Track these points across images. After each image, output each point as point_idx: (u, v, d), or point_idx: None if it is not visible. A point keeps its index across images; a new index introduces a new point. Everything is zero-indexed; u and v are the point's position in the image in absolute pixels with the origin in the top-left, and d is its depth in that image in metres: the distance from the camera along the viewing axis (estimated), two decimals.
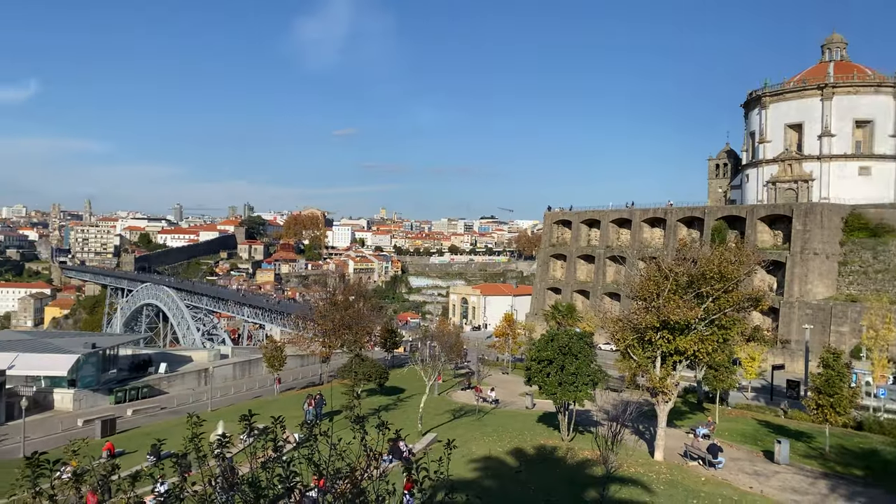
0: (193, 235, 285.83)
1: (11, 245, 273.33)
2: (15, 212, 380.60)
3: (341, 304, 62.23)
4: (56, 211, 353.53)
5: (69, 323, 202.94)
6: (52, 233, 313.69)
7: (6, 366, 52.44)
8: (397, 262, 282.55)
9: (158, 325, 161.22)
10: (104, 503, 13.46)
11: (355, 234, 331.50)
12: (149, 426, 48.43)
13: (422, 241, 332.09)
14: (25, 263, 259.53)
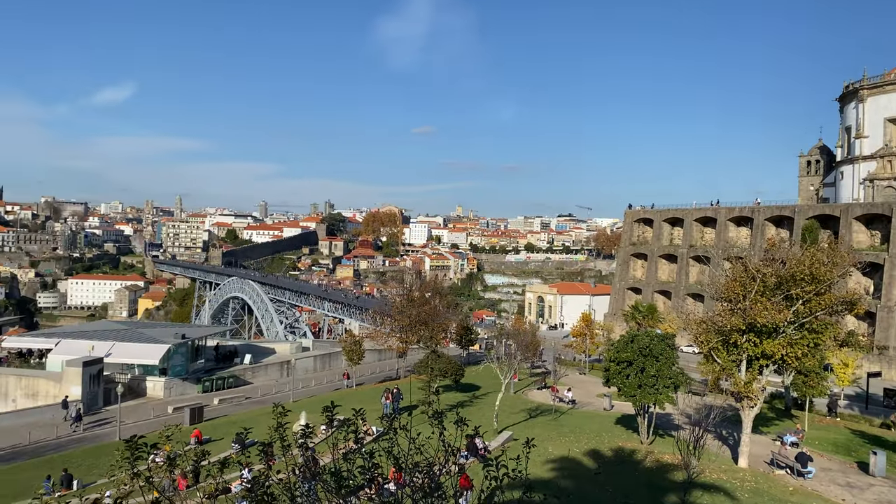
0: (277, 231, 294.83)
1: (109, 240, 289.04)
2: (112, 208, 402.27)
3: (418, 301, 62.79)
4: (149, 207, 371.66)
5: (161, 314, 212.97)
6: (146, 228, 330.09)
7: (104, 354, 55.51)
8: (473, 259, 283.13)
9: (244, 317, 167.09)
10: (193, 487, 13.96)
11: (431, 232, 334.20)
12: (234, 415, 50.26)
13: (498, 238, 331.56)
14: (121, 257, 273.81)
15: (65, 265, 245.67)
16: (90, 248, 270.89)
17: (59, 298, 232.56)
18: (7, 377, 54.09)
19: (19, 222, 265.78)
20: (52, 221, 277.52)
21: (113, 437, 42.85)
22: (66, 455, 39.17)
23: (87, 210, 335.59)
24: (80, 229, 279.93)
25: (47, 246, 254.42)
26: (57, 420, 47.41)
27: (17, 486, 33.06)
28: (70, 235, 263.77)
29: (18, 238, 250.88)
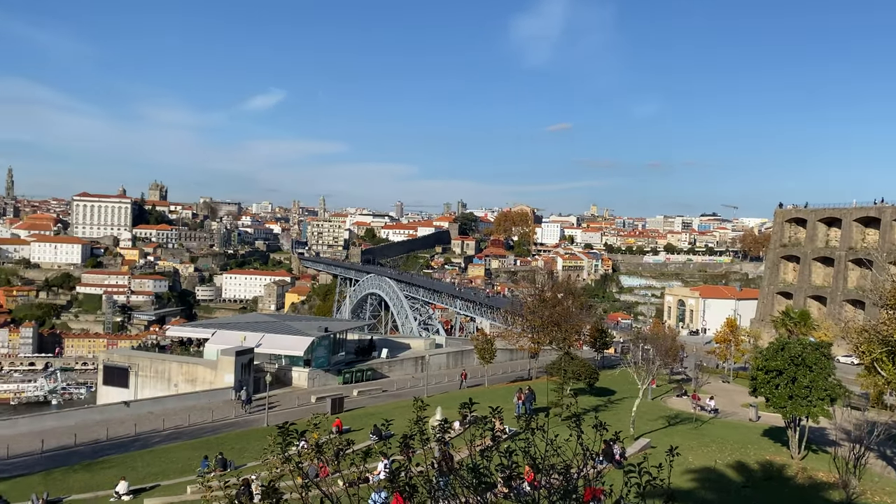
0: (412, 231, 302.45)
1: (259, 237, 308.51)
2: (262, 208, 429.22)
3: (550, 301, 62.28)
4: (296, 207, 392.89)
5: (305, 308, 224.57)
6: (293, 227, 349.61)
7: (254, 344, 59.34)
8: (608, 260, 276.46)
9: (381, 313, 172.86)
10: (336, 474, 14.47)
11: (564, 231, 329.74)
12: (371, 407, 52.05)
13: (635, 238, 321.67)
14: (270, 254, 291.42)
15: (220, 261, 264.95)
16: (242, 245, 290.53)
17: (215, 292, 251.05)
18: (170, 363, 59.05)
19: (181, 221, 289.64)
20: (209, 220, 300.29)
21: (261, 423, 45.66)
22: (220, 437, 42.23)
23: (241, 210, 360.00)
24: (234, 228, 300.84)
25: (205, 243, 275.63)
26: (213, 404, 51.23)
27: (180, 464, 36.08)
28: (225, 233, 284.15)
29: (180, 236, 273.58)
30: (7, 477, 33.95)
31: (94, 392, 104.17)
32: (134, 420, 46.29)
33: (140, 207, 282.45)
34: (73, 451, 39.71)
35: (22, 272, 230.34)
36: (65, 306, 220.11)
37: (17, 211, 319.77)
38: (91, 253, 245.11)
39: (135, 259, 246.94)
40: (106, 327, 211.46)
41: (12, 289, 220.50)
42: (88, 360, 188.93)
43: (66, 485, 32.02)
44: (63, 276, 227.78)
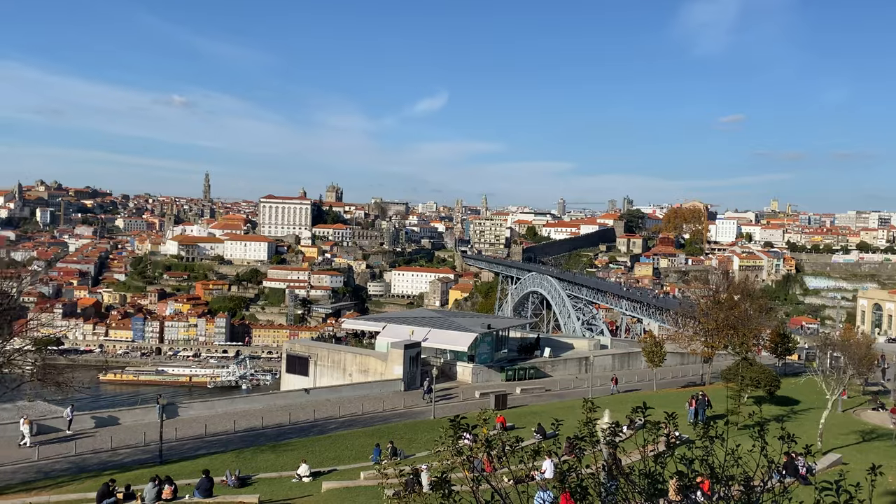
0: (574, 229, 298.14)
1: (425, 236, 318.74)
2: (428, 208, 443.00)
3: (725, 303, 58.78)
4: (459, 207, 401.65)
5: (468, 305, 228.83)
6: (456, 225, 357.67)
7: (421, 339, 61.36)
8: (791, 259, 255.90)
9: (542, 311, 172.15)
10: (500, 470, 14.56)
11: (741, 229, 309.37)
12: (534, 405, 51.95)
13: (822, 236, 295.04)
14: (435, 252, 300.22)
15: (389, 258, 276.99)
16: (409, 243, 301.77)
17: (385, 287, 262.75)
18: (345, 354, 62.53)
19: (354, 220, 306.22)
20: (379, 220, 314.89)
21: (428, 415, 47.08)
22: (391, 427, 44.06)
23: (408, 210, 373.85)
24: (402, 227, 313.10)
25: (376, 241, 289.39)
26: (384, 394, 53.61)
27: (354, 450, 38.10)
28: (394, 232, 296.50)
29: (354, 234, 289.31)
30: (206, 453, 37.62)
31: (278, 379, 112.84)
32: (313, 406, 49.50)
33: (318, 208, 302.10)
34: (261, 432, 43.18)
35: (217, 268, 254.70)
36: (253, 299, 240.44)
37: (212, 212, 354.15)
38: (276, 250, 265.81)
39: (314, 256, 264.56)
40: (288, 319, 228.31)
41: (209, 283, 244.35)
42: (273, 349, 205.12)
43: (254, 464, 34.90)
44: (251, 271, 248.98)
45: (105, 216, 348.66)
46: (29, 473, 34.23)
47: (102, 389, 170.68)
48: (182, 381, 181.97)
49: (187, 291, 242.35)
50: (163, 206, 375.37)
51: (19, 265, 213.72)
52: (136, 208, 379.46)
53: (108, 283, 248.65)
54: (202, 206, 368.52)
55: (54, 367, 41.08)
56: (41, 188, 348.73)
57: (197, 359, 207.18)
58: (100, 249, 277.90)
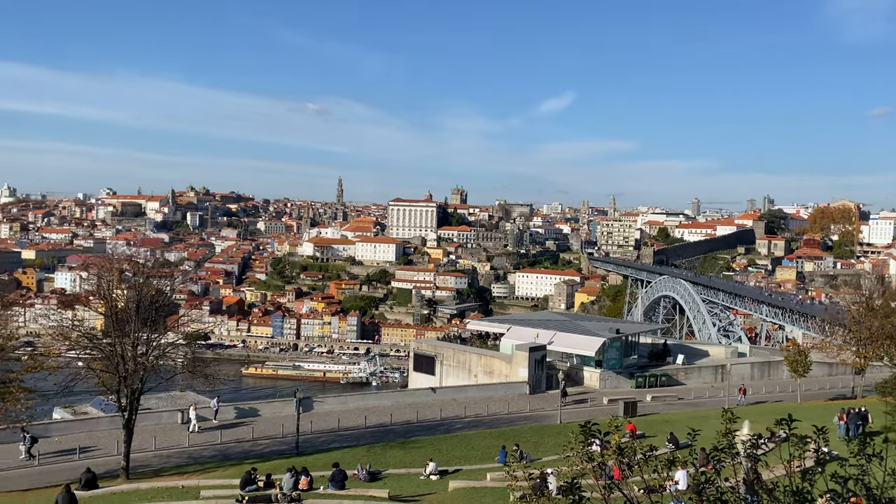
0: (710, 230, 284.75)
1: (549, 237, 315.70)
2: (552, 209, 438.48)
3: (880, 311, 54.23)
4: (585, 207, 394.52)
5: (594, 308, 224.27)
6: (582, 227, 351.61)
7: (546, 342, 60.77)
8: None
9: (675, 316, 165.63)
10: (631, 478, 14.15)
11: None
12: (666, 414, 50.08)
13: None
14: (560, 254, 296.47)
15: (513, 260, 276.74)
16: (534, 245, 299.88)
17: (509, 289, 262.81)
18: (470, 355, 63.07)
19: (478, 222, 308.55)
20: (503, 221, 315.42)
21: (554, 419, 46.56)
22: (516, 429, 43.96)
23: (532, 211, 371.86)
24: (526, 228, 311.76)
25: (500, 243, 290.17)
26: (509, 396, 53.57)
27: (480, 451, 38.35)
28: (518, 234, 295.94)
29: (478, 236, 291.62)
30: (339, 447, 39.15)
31: (405, 377, 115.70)
32: (439, 405, 50.28)
33: (444, 210, 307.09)
34: (390, 429, 44.40)
35: (348, 268, 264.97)
36: (382, 299, 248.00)
37: (345, 215, 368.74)
38: (403, 252, 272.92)
39: (439, 258, 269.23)
40: (415, 319, 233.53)
41: (341, 282, 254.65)
42: (401, 347, 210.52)
43: (384, 459, 35.92)
44: (381, 272, 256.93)
45: (248, 219, 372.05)
46: (181, 458, 37.07)
47: (244, 382, 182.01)
48: (317, 376, 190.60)
49: (322, 290, 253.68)
50: (300, 209, 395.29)
51: (172, 265, 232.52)
52: (276, 212, 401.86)
53: (250, 283, 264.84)
54: (336, 210, 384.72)
55: (202, 360, 44.26)
56: (191, 194, 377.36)
57: (330, 355, 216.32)
58: (243, 251, 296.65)
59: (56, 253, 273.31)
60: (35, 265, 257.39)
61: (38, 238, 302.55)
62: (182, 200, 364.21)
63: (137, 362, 33.04)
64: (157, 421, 42.93)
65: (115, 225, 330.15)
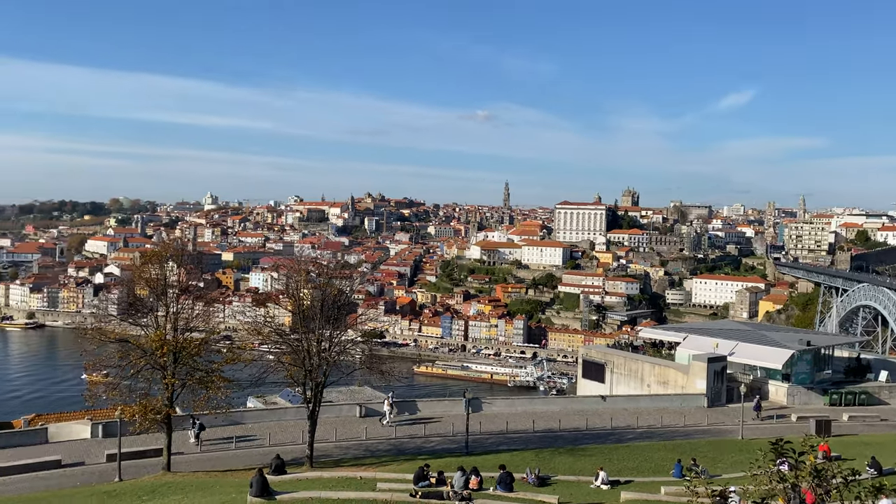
0: None
1: (730, 241, 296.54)
2: (734, 211, 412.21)
3: None
4: (771, 209, 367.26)
5: (781, 318, 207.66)
6: (767, 230, 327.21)
7: (727, 353, 57.09)
8: None
9: (876, 329, 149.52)
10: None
11: None
12: (867, 436, 45.24)
13: None
14: (742, 259, 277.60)
15: (689, 265, 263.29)
16: (712, 249, 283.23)
17: (684, 296, 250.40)
18: (643, 364, 60.78)
19: (651, 225, 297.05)
20: (678, 224, 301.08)
21: (735, 434, 43.71)
22: (692, 443, 41.74)
23: (711, 213, 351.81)
24: (704, 231, 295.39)
25: (675, 247, 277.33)
26: (685, 409, 50.98)
27: (653, 463, 36.84)
28: (695, 237, 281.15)
29: (650, 240, 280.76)
30: (507, 449, 39.32)
31: (573, 383, 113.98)
32: (609, 414, 48.95)
33: (613, 213, 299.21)
34: (558, 434, 43.91)
35: (514, 272, 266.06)
36: (548, 303, 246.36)
37: (511, 219, 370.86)
38: (570, 256, 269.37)
39: (608, 262, 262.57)
40: (583, 324, 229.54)
41: (507, 286, 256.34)
42: (568, 353, 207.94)
43: (552, 465, 35.54)
44: (547, 276, 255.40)
45: (419, 224, 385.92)
46: (359, 451, 39.10)
47: (416, 380, 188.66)
48: (484, 377, 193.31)
49: (489, 293, 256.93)
50: (468, 213, 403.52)
51: (352, 267, 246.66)
52: (445, 216, 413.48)
53: (422, 284, 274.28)
54: (502, 214, 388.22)
55: (378, 357, 46.27)
56: (368, 200, 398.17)
57: (497, 358, 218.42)
58: (415, 254, 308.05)
59: (251, 255, 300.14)
60: (233, 266, 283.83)
61: (236, 241, 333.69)
62: (360, 206, 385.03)
63: (321, 357, 35.28)
64: (338, 413, 45.54)
65: (302, 229, 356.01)
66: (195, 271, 45.69)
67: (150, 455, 36.16)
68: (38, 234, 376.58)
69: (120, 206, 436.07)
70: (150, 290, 36.47)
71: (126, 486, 30.72)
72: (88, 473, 34.36)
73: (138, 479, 32.46)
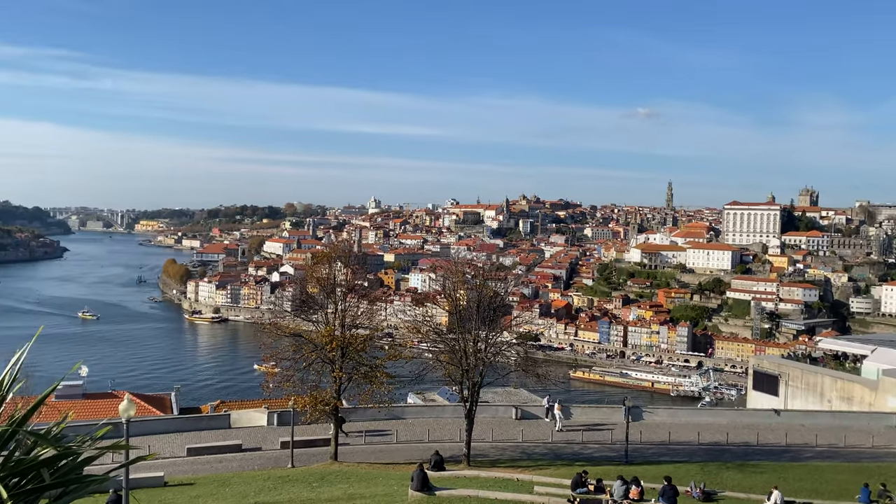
0: None
1: None
2: None
3: None
4: None
5: None
6: None
7: None
8: None
9: None
10: None
11: None
12: None
13: None
14: None
15: (878, 270, 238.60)
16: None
17: (872, 305, 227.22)
18: (823, 377, 55.93)
19: (833, 227, 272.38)
20: (865, 226, 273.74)
21: None
22: (882, 467, 37.79)
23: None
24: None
25: (860, 250, 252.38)
26: (873, 428, 46.22)
27: (835, 486, 33.72)
28: (885, 240, 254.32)
29: (832, 243, 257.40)
30: (669, 461, 37.67)
31: (743, 395, 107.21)
32: (784, 429, 45.45)
33: (789, 214, 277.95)
34: (725, 448, 41.43)
35: (678, 276, 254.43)
36: (715, 309, 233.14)
37: (674, 220, 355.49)
38: (740, 259, 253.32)
39: (783, 266, 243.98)
40: (754, 333, 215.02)
41: (670, 291, 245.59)
42: (737, 363, 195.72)
43: (719, 479, 33.57)
44: (714, 280, 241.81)
45: (575, 226, 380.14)
46: (515, 452, 39.14)
47: (572, 385, 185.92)
48: (644, 386, 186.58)
49: (649, 298, 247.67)
50: (627, 215, 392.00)
51: (506, 269, 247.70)
52: (603, 218, 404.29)
53: (577, 288, 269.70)
54: (664, 215, 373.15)
55: (534, 360, 46.12)
56: (523, 202, 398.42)
57: (658, 366, 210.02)
58: (570, 256, 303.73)
59: (410, 257, 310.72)
60: (394, 267, 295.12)
61: (396, 243, 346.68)
62: (515, 208, 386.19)
63: (477, 357, 35.73)
64: (494, 414, 45.85)
65: (458, 231, 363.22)
66: (360, 271, 47.91)
67: (319, 444, 38.38)
68: (223, 236, 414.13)
69: (294, 211, 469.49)
70: (320, 288, 38.77)
71: (298, 473, 32.77)
72: (265, 458, 37.08)
73: (309, 466, 34.56)
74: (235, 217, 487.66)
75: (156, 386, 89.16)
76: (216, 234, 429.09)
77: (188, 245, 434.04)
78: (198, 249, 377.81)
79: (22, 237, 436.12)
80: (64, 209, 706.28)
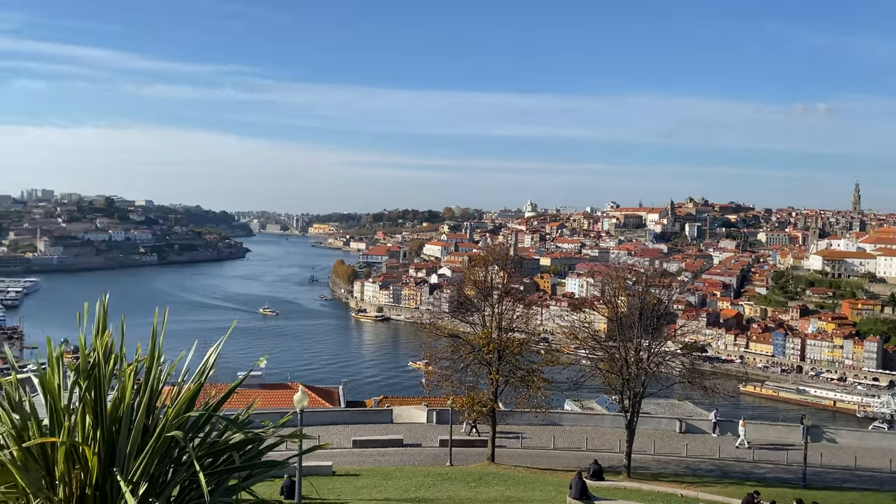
0: None
1: None
2: None
3: None
4: None
5: None
6: None
7: None
8: None
9: None
10: None
11: None
12: None
13: None
14: None
15: None
16: None
17: None
18: None
19: None
20: None
21: None
22: None
23: None
24: None
25: None
26: None
27: None
28: None
29: None
30: (855, 488, 34.30)
31: None
32: None
33: None
34: None
35: (866, 286, 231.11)
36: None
37: (862, 225, 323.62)
38: None
39: None
40: None
41: (857, 302, 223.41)
42: None
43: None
44: None
45: (747, 230, 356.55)
46: (678, 467, 37.37)
47: (742, 400, 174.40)
48: (824, 404, 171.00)
49: (832, 310, 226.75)
50: (806, 219, 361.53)
51: (671, 275, 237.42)
52: (779, 222, 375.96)
53: (749, 296, 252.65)
54: (850, 219, 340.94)
55: (700, 372, 43.75)
56: (689, 205, 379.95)
57: (842, 383, 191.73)
58: (742, 263, 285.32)
59: (567, 261, 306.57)
60: (550, 271, 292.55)
61: (553, 247, 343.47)
62: (680, 212, 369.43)
63: (639, 367, 34.52)
64: (656, 426, 44.10)
65: (618, 236, 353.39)
66: (516, 275, 48.04)
67: (476, 444, 38.86)
68: (386, 239, 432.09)
69: (452, 214, 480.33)
70: (477, 290, 39.28)
71: (456, 472, 33.37)
72: (424, 455, 38.10)
73: (466, 466, 35.08)
74: (398, 221, 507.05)
75: (326, 380, 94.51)
76: (380, 237, 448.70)
77: (355, 247, 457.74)
78: (363, 251, 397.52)
79: (211, 238, 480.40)
80: (246, 213, 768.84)
